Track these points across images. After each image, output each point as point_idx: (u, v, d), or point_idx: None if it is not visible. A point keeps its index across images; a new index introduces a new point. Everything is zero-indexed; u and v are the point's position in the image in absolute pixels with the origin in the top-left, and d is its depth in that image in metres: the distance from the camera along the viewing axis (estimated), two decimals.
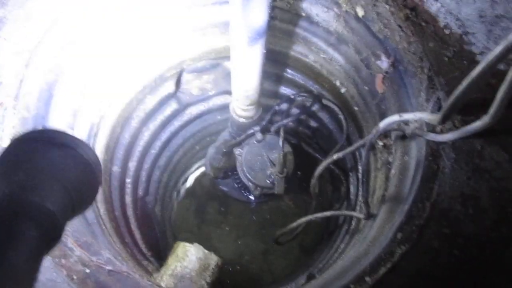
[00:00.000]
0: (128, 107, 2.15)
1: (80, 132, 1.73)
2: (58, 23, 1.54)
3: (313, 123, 2.54)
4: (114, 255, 1.54)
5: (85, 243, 1.41)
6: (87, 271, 1.33)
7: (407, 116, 1.25)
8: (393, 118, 1.30)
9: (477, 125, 1.07)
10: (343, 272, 1.42)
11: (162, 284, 1.70)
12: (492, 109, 0.99)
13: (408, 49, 1.51)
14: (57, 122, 1.57)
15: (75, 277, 1.30)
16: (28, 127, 1.44)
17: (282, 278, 2.61)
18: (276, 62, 2.26)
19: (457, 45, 1.45)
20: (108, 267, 1.39)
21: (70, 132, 1.62)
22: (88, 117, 1.77)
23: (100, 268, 1.38)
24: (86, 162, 0.90)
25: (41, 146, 0.88)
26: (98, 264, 1.39)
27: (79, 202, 0.89)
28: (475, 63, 1.38)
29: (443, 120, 1.02)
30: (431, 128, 1.39)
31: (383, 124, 1.37)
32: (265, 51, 1.58)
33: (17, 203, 0.78)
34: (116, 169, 2.16)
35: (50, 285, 1.28)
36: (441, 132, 1.34)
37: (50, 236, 0.79)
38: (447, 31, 1.45)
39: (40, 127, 1.48)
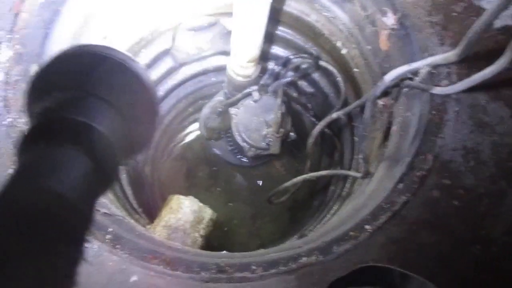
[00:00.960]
0: None
1: None
2: None
3: (309, 87, 2.52)
4: (108, 202, 1.52)
5: None
6: None
7: (417, 64, 1.23)
8: (401, 69, 1.29)
9: (488, 71, 1.06)
10: (341, 223, 1.43)
11: (156, 235, 1.68)
12: (507, 54, 0.98)
13: (417, 3, 1.49)
14: None
15: None
16: (23, 63, 1.39)
17: (271, 242, 2.61)
18: (275, 21, 2.23)
19: (466, 0, 1.43)
20: (104, 210, 1.36)
21: None
22: None
23: (96, 209, 1.35)
24: (142, 84, 0.72)
25: (85, 58, 0.70)
26: None
27: (136, 133, 0.72)
28: None
29: (463, 54, 1.00)
30: (436, 83, 1.39)
31: (389, 76, 1.36)
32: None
33: (57, 123, 0.62)
34: None
35: None
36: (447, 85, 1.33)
37: (105, 169, 0.62)
38: None
39: (35, 64, 1.42)
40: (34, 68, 1.40)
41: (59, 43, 1.54)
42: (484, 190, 1.26)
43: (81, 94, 0.66)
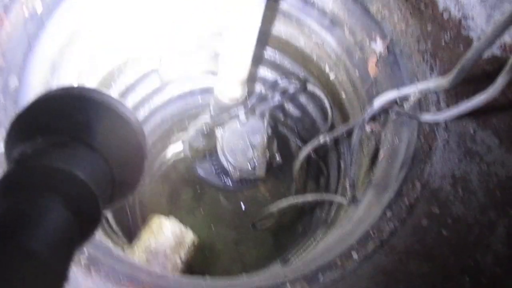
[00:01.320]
0: (109, 75, 2.05)
1: None
2: None
3: (297, 111, 2.51)
4: None
5: None
6: None
7: (407, 90, 1.22)
8: (391, 94, 1.28)
9: (478, 100, 1.05)
10: (327, 250, 1.39)
11: (135, 259, 1.61)
12: (498, 83, 0.98)
13: (406, 31, 1.50)
14: (33, 75, 1.46)
15: None
16: (3, 75, 1.34)
17: (253, 268, 2.55)
18: (264, 44, 2.23)
19: (454, 29, 1.44)
20: None
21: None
22: (67, 75, 1.67)
23: None
24: (130, 128, 0.67)
25: (68, 101, 0.65)
26: None
27: (121, 180, 0.67)
28: None
29: (455, 82, 0.99)
30: (425, 111, 1.38)
31: (378, 101, 1.35)
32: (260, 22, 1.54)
33: (33, 171, 0.56)
34: None
35: None
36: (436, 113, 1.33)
37: (85, 217, 0.57)
38: (446, 15, 1.45)
39: (15, 77, 1.37)
40: (13, 81, 1.35)
41: (42, 57, 1.50)
42: (473, 220, 1.24)
43: (63, 139, 0.62)
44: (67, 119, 0.64)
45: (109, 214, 2.06)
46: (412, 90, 1.22)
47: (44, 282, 0.49)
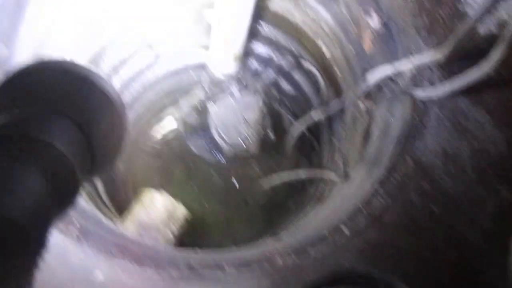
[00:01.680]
0: (102, 48, 2.02)
1: None
2: None
3: (290, 87, 2.49)
4: None
5: None
6: None
7: (402, 64, 1.21)
8: (385, 69, 1.27)
9: (471, 75, 1.05)
10: (317, 226, 1.40)
11: (125, 231, 1.61)
12: (491, 56, 0.97)
13: (403, 6, 1.48)
14: (22, 43, 1.43)
15: None
16: None
17: (244, 243, 2.57)
18: (258, 18, 2.19)
19: (451, 4, 1.43)
20: None
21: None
22: (58, 44, 1.64)
23: None
24: (109, 101, 0.68)
25: (48, 74, 0.66)
26: None
27: (100, 152, 0.67)
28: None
29: (449, 55, 0.98)
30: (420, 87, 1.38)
31: (372, 75, 1.34)
32: None
33: (8, 139, 0.56)
34: None
35: None
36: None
37: (62, 190, 0.57)
38: None
39: (2, 45, 1.34)
40: (1, 49, 1.32)
41: (31, 24, 1.46)
42: (462, 196, 1.25)
43: (40, 111, 0.62)
44: (45, 91, 0.64)
45: (100, 187, 2.06)
46: (407, 65, 1.21)
47: (22, 248, 0.49)
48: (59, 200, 0.57)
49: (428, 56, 1.10)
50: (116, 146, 0.74)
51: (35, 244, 0.51)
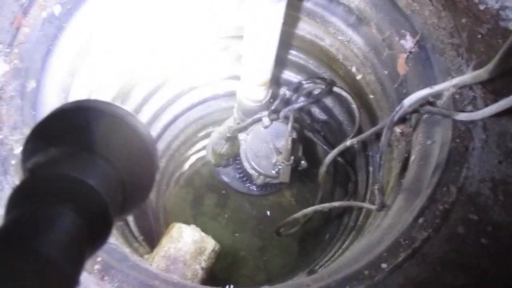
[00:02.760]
0: (131, 80, 2.03)
1: (76, 98, 1.61)
2: None
3: (322, 113, 2.43)
4: None
5: None
6: None
7: (440, 86, 1.12)
8: (423, 92, 1.19)
9: None
10: (354, 260, 1.30)
11: (153, 265, 1.56)
12: None
13: (438, 25, 1.40)
14: (51, 80, 1.44)
15: None
16: (20, 78, 1.33)
17: (278, 276, 2.47)
18: (287, 45, 2.16)
19: (492, 21, 1.34)
20: None
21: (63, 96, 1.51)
22: (87, 81, 1.65)
23: None
24: (141, 139, 0.70)
25: (82, 114, 0.67)
26: None
27: (131, 190, 0.68)
28: None
29: (493, 73, 0.90)
30: (461, 109, 1.28)
31: (408, 99, 1.26)
32: (282, 21, 1.48)
33: (44, 179, 0.59)
34: None
35: None
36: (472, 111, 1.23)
37: (96, 224, 0.58)
38: (482, 6, 1.34)
39: (33, 80, 1.36)
40: (30, 83, 1.33)
41: (61, 60, 1.48)
42: None
43: (74, 149, 0.63)
44: (78, 131, 0.66)
45: (131, 220, 2.04)
46: (447, 86, 1.12)
47: (57, 285, 0.50)
48: (93, 239, 0.58)
49: (471, 77, 1.01)
50: (147, 183, 0.75)
51: (69, 281, 0.52)
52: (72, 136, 0.65)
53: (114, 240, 1.42)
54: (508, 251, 1.10)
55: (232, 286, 2.33)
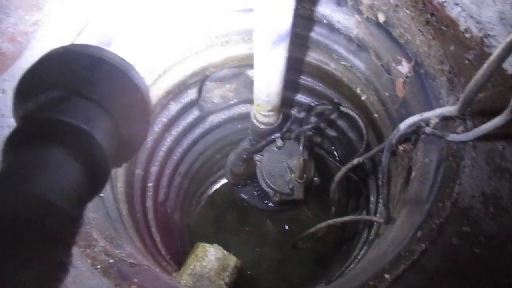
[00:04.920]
0: (152, 112, 2.21)
1: None
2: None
3: (332, 132, 2.57)
4: (135, 251, 1.57)
5: (109, 236, 1.44)
6: (111, 261, 1.36)
7: (427, 114, 1.26)
8: (414, 118, 1.32)
9: (497, 120, 1.08)
10: (362, 272, 1.43)
11: (182, 283, 1.72)
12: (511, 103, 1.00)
13: (429, 53, 1.53)
14: None
15: (98, 266, 1.33)
16: None
17: (300, 287, 2.59)
18: (296, 70, 2.31)
19: (477, 48, 1.47)
20: (130, 260, 1.42)
21: None
22: None
23: (123, 260, 1.41)
24: (134, 85, 0.68)
25: (71, 60, 0.66)
26: (121, 256, 1.41)
27: (126, 135, 0.68)
28: None
29: (462, 110, 1.03)
30: (452, 130, 1.41)
31: (403, 125, 1.39)
32: (287, 55, 1.62)
33: (37, 124, 0.58)
34: (138, 172, 2.22)
35: (74, 273, 1.32)
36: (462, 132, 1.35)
37: (93, 169, 0.58)
38: (467, 35, 1.48)
39: None
40: None
41: None
42: (506, 237, 1.25)
43: (69, 95, 0.63)
44: (73, 76, 0.65)
45: (159, 242, 2.20)
46: (431, 115, 1.26)
47: (59, 226, 0.52)
48: (91, 181, 0.59)
49: (446, 109, 1.15)
50: (141, 130, 0.75)
51: (70, 222, 0.55)
52: (66, 81, 0.64)
53: (146, 260, 1.58)
54: (499, 259, 1.22)
55: None
